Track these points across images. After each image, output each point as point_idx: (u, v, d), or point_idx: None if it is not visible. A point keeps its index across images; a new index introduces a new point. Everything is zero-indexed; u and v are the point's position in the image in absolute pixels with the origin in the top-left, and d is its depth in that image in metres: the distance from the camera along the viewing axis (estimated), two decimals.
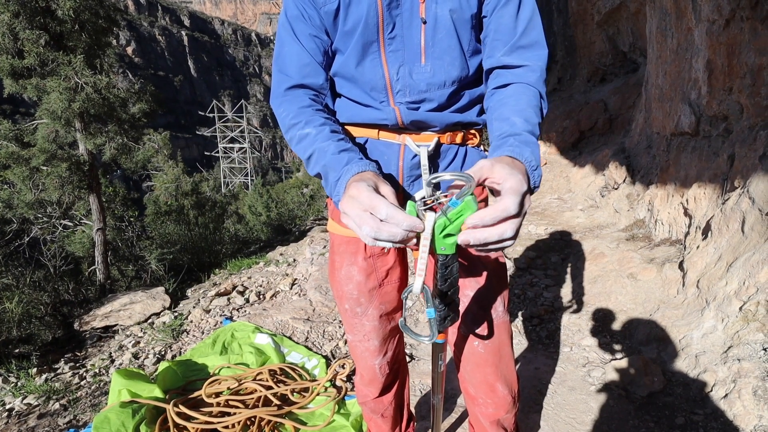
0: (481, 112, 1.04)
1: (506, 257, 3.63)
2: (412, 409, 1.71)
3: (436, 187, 0.85)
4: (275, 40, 1.03)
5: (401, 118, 0.97)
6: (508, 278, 2.90)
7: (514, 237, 0.62)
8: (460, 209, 0.61)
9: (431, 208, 0.64)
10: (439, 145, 1.01)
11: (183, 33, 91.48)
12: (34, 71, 3.12)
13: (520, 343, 2.47)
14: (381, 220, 0.61)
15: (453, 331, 1.12)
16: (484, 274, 1.06)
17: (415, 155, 1.00)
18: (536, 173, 0.76)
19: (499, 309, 1.08)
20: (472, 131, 1.05)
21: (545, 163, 6.70)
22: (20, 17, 2.83)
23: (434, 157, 1.01)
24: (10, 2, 2.80)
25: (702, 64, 2.82)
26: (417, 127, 0.99)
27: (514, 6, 0.91)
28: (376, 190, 0.67)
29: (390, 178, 1.01)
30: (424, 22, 0.91)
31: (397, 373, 1.32)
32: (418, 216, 0.62)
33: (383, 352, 1.22)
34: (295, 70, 0.96)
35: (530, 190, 0.70)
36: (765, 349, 1.74)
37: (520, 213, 0.63)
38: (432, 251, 0.64)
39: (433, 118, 0.98)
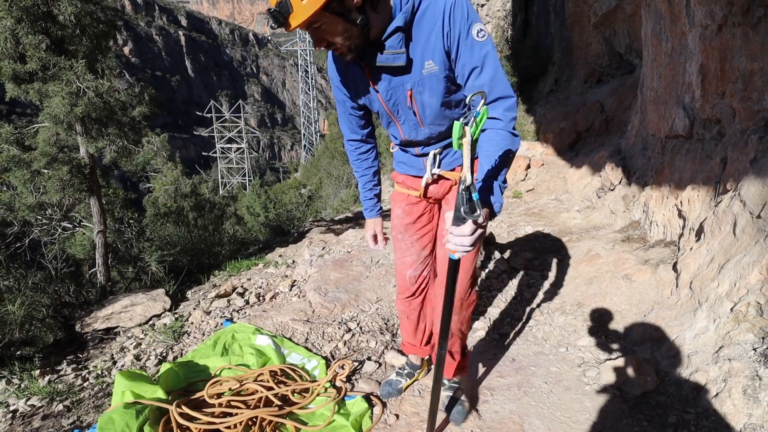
0: None
1: (499, 250, 3.66)
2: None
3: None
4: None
5: (419, 151, 1.66)
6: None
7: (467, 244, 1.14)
8: (482, 114, 1.04)
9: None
10: (443, 147, 1.62)
11: (180, 33, 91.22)
12: (36, 76, 3.14)
13: (517, 344, 2.51)
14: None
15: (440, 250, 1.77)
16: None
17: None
18: (497, 206, 1.25)
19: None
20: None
21: (542, 164, 6.74)
22: (23, 22, 2.85)
23: (439, 153, 1.61)
24: (13, 8, 2.83)
25: (695, 68, 2.86)
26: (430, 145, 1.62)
27: (477, 73, 1.29)
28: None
29: (420, 163, 1.68)
30: (415, 109, 1.45)
31: (422, 290, 1.89)
32: (463, 129, 1.03)
33: (413, 267, 1.83)
34: (347, 132, 1.76)
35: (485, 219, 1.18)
36: (755, 349, 1.78)
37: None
38: (473, 153, 1.06)
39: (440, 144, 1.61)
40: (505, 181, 1.26)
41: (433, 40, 1.28)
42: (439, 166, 1.62)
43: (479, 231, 1.13)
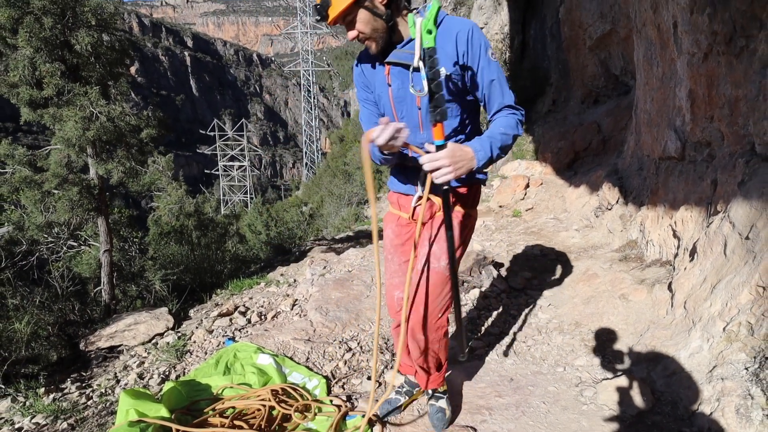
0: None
1: (498, 269, 3.70)
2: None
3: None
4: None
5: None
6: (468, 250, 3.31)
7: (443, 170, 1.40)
8: (433, 7, 1.32)
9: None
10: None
11: (186, 53, 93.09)
12: (51, 101, 3.27)
13: (515, 363, 2.54)
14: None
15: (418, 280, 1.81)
16: (435, 235, 1.76)
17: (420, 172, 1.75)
18: (479, 154, 1.47)
19: (440, 262, 1.74)
20: None
21: (541, 183, 6.83)
22: (41, 51, 2.99)
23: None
24: (33, 39, 2.98)
25: (685, 93, 2.97)
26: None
27: (495, 84, 1.56)
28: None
29: (411, 182, 1.80)
30: (419, 109, 1.62)
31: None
32: (414, 24, 1.33)
33: (401, 288, 1.88)
34: (365, 124, 1.80)
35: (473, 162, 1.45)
36: (747, 369, 1.82)
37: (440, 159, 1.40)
38: (421, 43, 1.34)
39: None
40: (501, 149, 1.51)
41: (447, 50, 1.50)
42: (425, 189, 1.70)
43: (446, 156, 1.38)
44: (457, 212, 1.79)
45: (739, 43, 2.30)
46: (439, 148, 1.41)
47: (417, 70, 1.27)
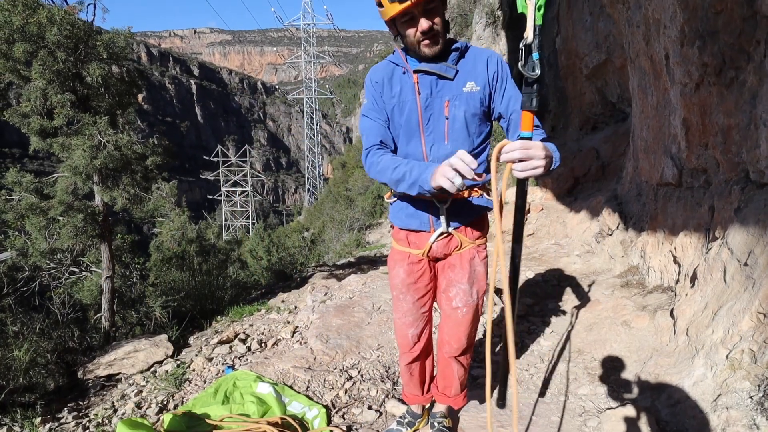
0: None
1: (499, 296, 3.68)
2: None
3: None
4: (360, 121, 1.75)
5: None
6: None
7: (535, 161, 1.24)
8: None
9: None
10: (453, 201, 1.69)
11: (192, 82, 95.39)
12: (61, 130, 3.37)
13: (518, 392, 2.50)
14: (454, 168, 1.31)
15: (446, 306, 1.85)
16: (468, 274, 1.77)
17: (438, 207, 1.70)
18: (556, 155, 1.37)
19: (474, 296, 1.80)
20: (475, 189, 1.69)
21: (542, 209, 6.87)
22: (53, 83, 3.11)
23: (449, 207, 1.69)
24: (46, 71, 3.10)
25: (679, 122, 3.03)
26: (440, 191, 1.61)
27: (515, 102, 1.59)
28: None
29: (425, 217, 1.72)
30: (447, 119, 1.61)
31: (423, 347, 1.97)
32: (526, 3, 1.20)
33: (415, 326, 1.90)
34: (374, 136, 1.67)
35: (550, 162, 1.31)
36: (751, 397, 1.79)
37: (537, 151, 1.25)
38: (534, 19, 1.20)
39: None
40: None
41: (479, 70, 1.60)
42: (448, 225, 1.71)
43: (529, 148, 1.24)
44: (481, 248, 1.79)
45: (729, 75, 2.37)
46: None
47: (528, 47, 1.20)
